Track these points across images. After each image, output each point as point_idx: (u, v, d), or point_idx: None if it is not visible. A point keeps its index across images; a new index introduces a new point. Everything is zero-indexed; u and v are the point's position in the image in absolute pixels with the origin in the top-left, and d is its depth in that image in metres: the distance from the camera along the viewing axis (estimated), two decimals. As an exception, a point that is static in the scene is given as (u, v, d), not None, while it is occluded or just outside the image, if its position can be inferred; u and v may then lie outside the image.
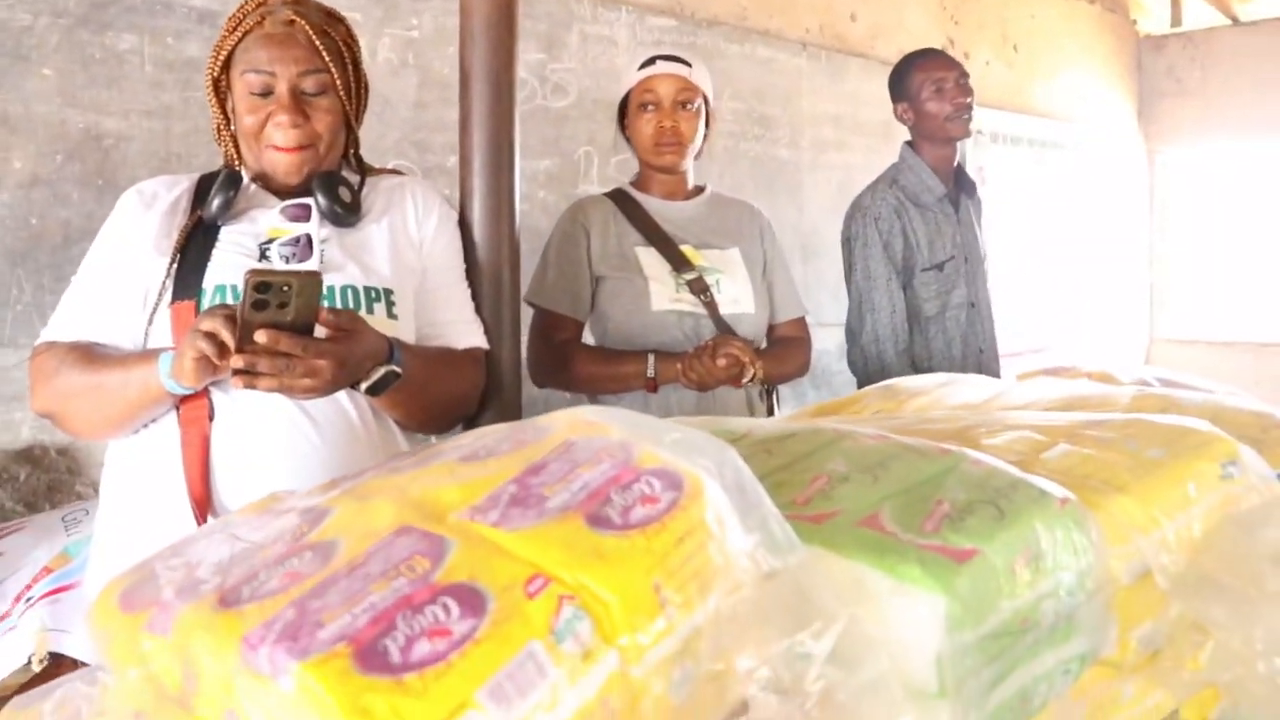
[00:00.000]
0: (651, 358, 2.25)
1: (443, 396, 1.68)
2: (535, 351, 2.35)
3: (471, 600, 0.53)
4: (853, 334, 2.90)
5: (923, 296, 2.85)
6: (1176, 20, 7.51)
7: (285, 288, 1.33)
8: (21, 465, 2.99)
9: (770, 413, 2.47)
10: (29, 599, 1.95)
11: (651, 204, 2.42)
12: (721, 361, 2.17)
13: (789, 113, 4.97)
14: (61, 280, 3.01)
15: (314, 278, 1.36)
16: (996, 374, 2.97)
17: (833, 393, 5.18)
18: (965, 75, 2.89)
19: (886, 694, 0.66)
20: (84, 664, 1.95)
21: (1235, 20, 7.22)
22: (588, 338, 2.45)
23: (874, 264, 2.81)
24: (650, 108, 2.35)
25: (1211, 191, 7.53)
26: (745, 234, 2.51)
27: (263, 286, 1.32)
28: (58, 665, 1.99)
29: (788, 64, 4.97)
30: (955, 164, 3.00)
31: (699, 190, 2.51)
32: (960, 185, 2.99)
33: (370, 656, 0.50)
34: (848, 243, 2.91)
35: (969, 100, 2.86)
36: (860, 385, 2.90)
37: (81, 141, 3.06)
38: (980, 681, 0.73)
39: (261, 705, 0.53)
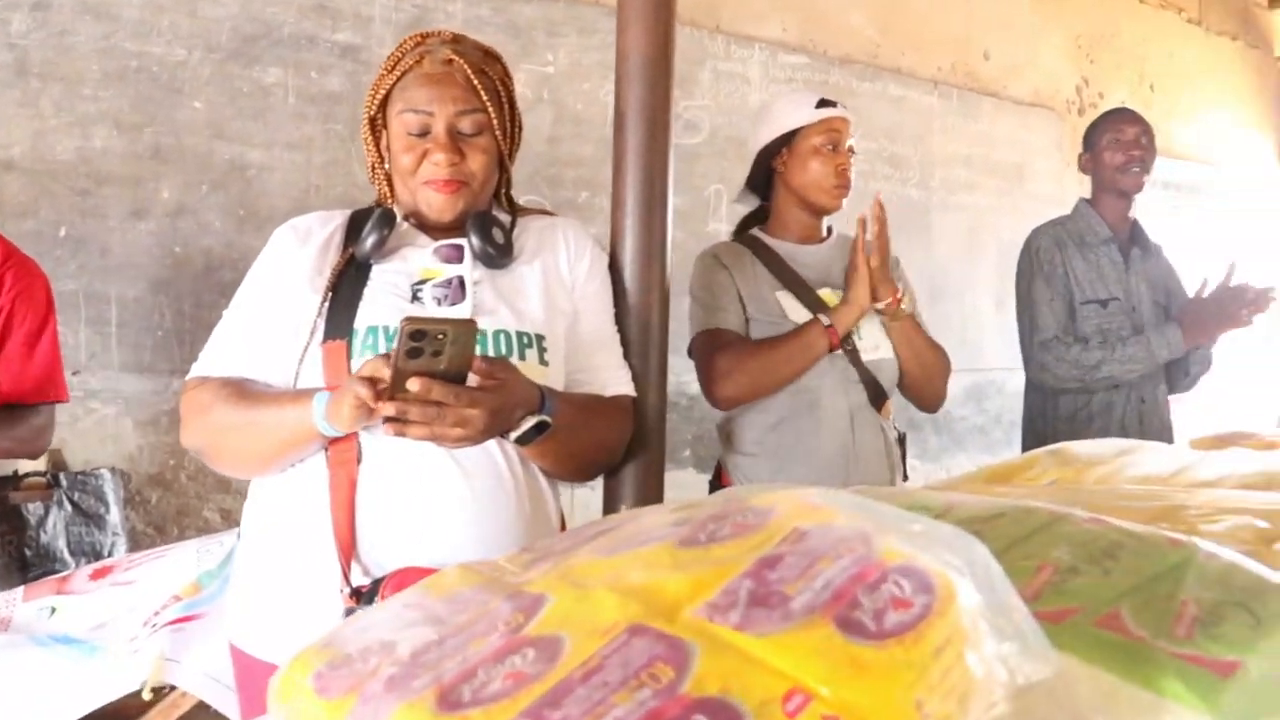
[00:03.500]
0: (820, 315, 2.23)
1: (591, 446, 1.64)
2: (709, 363, 2.24)
3: (726, 718, 0.48)
4: (1025, 359, 3.03)
5: (1084, 331, 2.93)
6: (1324, 58, 7.24)
7: (440, 335, 1.30)
8: (154, 489, 3.05)
9: (903, 460, 2.40)
10: (155, 625, 1.96)
11: (784, 248, 2.36)
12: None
13: (919, 152, 4.89)
14: (200, 308, 3.09)
15: (469, 326, 1.34)
16: (1160, 428, 2.99)
17: (954, 440, 5.05)
18: (1148, 134, 3.00)
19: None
20: (191, 696, 1.96)
21: (1388, 59, 6.93)
22: None
23: (1036, 290, 2.96)
24: (830, 149, 2.30)
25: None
26: None
27: (418, 334, 1.30)
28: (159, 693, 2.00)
29: (919, 102, 4.89)
30: (1131, 220, 3.10)
31: (828, 232, 2.45)
32: (1134, 239, 3.08)
33: (623, 783, 0.45)
34: (1017, 280, 3.06)
35: (1142, 155, 2.96)
36: (1033, 402, 3.06)
37: (226, 172, 3.14)
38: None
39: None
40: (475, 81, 1.61)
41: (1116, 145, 2.96)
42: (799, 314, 2.26)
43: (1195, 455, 1.41)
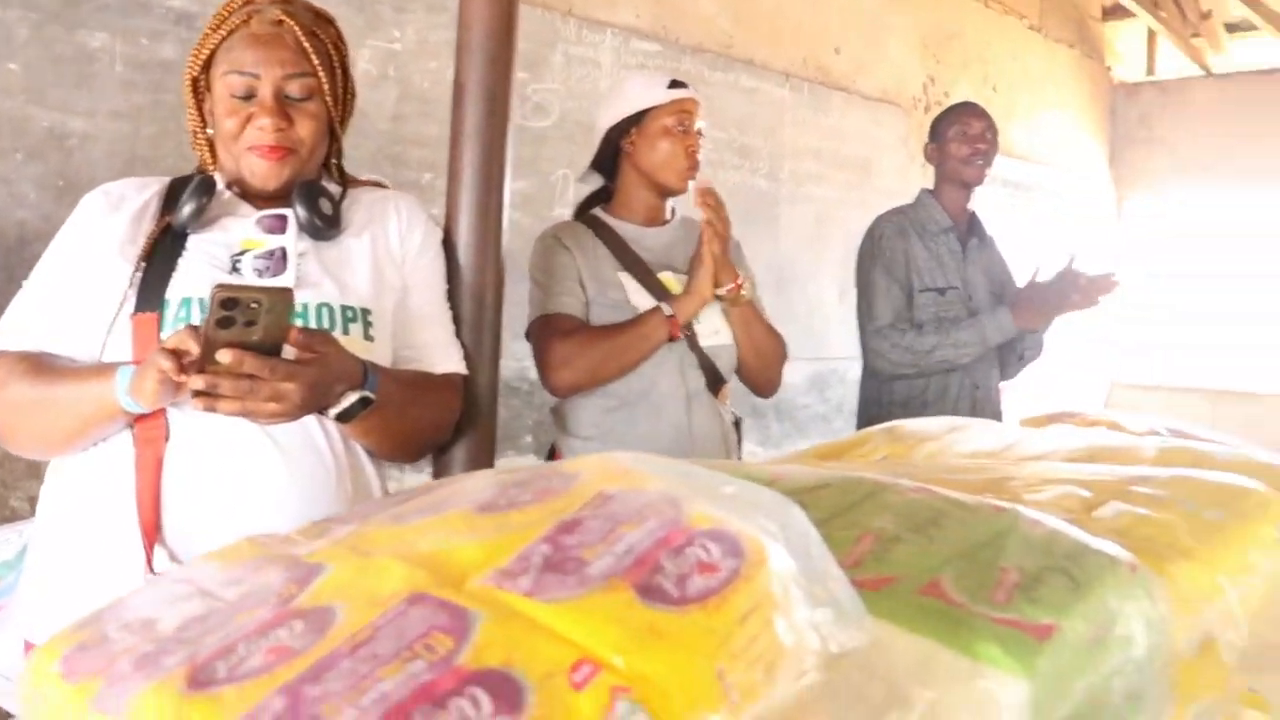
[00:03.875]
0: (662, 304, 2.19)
1: (418, 425, 1.58)
2: (547, 349, 2.18)
3: (506, 692, 0.43)
4: (861, 344, 3.04)
5: (922, 317, 2.96)
6: (1151, 69, 7.60)
7: (254, 304, 1.24)
8: (-43, 477, 2.84)
9: (739, 444, 2.40)
10: (-61, 624, 1.81)
11: (626, 230, 2.32)
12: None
13: (770, 144, 4.92)
14: (12, 284, 2.85)
15: (284, 295, 1.27)
16: (992, 414, 3.04)
17: (796, 427, 5.11)
18: (993, 130, 3.08)
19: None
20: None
21: (1208, 71, 7.30)
22: None
23: (876, 276, 2.98)
24: (680, 130, 2.26)
25: (1176, 238, 7.60)
26: None
27: (229, 302, 1.23)
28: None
29: (771, 94, 4.92)
30: (970, 211, 3.16)
31: (671, 214, 2.42)
32: (971, 230, 3.15)
33: (381, 765, 0.40)
34: (858, 265, 3.08)
35: (987, 149, 3.04)
36: (869, 388, 3.09)
37: (44, 140, 2.95)
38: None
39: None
40: (305, 44, 1.53)
41: (963, 138, 3.02)
42: (640, 297, 2.22)
43: (1023, 432, 1.43)
